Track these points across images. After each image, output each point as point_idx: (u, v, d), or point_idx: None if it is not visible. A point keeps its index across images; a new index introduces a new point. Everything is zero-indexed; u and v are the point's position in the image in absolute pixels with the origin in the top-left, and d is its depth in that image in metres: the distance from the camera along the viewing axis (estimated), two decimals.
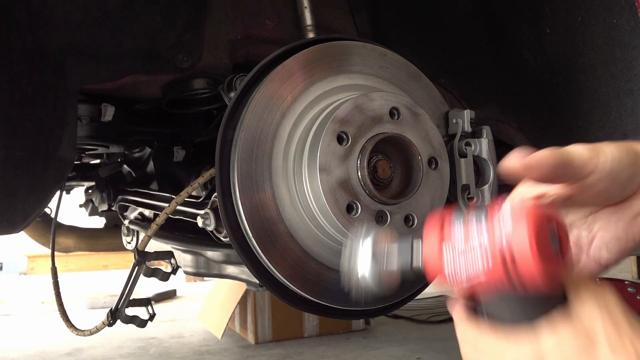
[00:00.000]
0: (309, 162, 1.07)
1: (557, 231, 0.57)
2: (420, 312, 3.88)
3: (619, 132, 1.29)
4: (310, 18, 1.46)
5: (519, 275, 0.55)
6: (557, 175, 0.63)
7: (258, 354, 3.04)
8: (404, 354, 2.95)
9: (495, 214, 0.57)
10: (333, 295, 1.15)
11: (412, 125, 1.13)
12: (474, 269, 0.56)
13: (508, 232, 0.55)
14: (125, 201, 1.98)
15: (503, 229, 0.56)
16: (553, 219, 0.58)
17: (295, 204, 1.11)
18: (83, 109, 1.67)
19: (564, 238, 0.58)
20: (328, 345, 3.17)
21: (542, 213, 0.56)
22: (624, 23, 1.22)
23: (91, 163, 2.46)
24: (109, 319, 1.72)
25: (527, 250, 0.54)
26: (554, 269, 0.55)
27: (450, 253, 0.58)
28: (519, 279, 0.55)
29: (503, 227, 0.56)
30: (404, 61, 1.26)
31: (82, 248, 2.61)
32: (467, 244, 0.57)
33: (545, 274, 0.54)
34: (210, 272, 1.72)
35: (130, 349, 3.21)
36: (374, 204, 1.07)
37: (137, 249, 1.60)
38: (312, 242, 1.13)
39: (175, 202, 1.42)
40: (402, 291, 1.25)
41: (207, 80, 1.55)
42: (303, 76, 1.14)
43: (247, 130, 1.09)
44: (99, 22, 1.40)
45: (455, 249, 0.58)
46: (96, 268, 7.56)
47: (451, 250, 0.58)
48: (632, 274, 5.03)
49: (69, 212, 2.52)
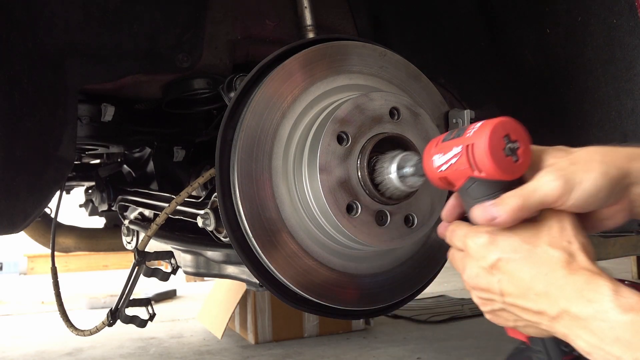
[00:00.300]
0: (309, 162, 1.07)
1: (516, 139, 0.77)
2: (420, 312, 3.88)
3: (619, 132, 1.29)
4: (310, 18, 1.46)
5: (476, 162, 0.77)
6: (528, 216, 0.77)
7: (258, 354, 3.04)
8: (404, 354, 2.95)
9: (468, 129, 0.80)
10: (333, 295, 1.15)
11: (412, 125, 1.13)
12: (451, 161, 0.81)
13: (472, 136, 0.78)
14: (125, 201, 1.98)
15: (471, 133, 0.79)
16: (513, 130, 0.78)
17: (295, 204, 1.11)
18: (83, 109, 1.67)
19: (523, 143, 0.78)
20: (328, 345, 3.17)
21: (503, 124, 0.78)
22: (624, 23, 1.22)
23: (91, 163, 2.46)
24: (109, 319, 1.72)
25: (482, 144, 0.76)
26: (504, 162, 0.76)
27: (439, 158, 0.84)
28: (477, 165, 0.77)
29: (471, 132, 0.79)
30: (404, 61, 1.26)
31: (82, 248, 2.61)
32: (449, 150, 0.82)
33: (494, 163, 0.75)
34: (210, 272, 1.72)
35: (130, 349, 3.21)
36: (374, 204, 1.07)
37: (137, 249, 1.60)
38: (312, 242, 1.13)
39: (175, 202, 1.42)
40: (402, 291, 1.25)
41: (207, 80, 1.55)
42: (303, 76, 1.14)
43: (247, 130, 1.09)
44: (99, 22, 1.40)
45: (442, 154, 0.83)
46: (96, 268, 7.56)
47: (439, 156, 0.84)
48: (632, 274, 5.03)
49: (69, 212, 2.53)
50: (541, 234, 0.76)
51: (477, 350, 2.94)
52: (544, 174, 0.76)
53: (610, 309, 0.67)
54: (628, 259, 4.99)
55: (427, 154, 0.88)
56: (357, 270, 1.18)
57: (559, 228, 0.76)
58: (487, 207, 0.78)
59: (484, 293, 0.80)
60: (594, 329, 0.68)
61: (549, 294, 0.72)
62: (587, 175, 0.74)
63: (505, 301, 0.77)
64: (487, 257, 0.78)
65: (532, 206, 0.76)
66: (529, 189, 0.76)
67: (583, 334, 0.69)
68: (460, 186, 0.83)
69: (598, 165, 0.75)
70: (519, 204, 0.75)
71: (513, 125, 0.79)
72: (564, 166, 0.76)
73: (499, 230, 0.78)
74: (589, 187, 0.74)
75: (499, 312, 0.80)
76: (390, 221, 1.09)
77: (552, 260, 0.74)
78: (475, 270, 0.80)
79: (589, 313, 0.69)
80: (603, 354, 0.68)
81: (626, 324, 0.66)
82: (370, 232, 1.07)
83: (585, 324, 0.69)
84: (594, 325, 0.68)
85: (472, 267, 0.81)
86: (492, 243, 0.78)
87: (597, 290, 0.69)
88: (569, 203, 0.75)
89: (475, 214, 0.79)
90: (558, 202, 0.75)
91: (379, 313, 1.28)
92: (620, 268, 5.29)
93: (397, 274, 1.23)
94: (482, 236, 0.79)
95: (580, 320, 0.69)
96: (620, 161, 0.76)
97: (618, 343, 0.66)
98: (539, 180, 0.76)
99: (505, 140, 0.77)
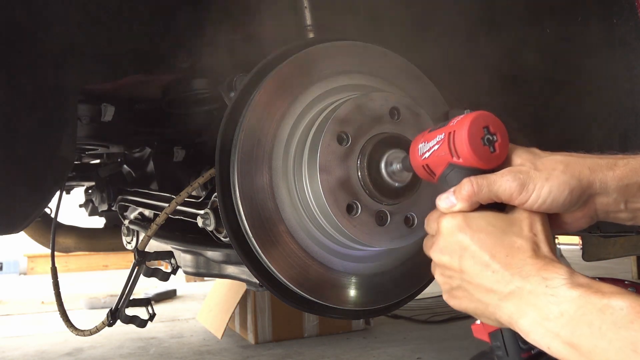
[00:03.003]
0: (309, 162, 1.07)
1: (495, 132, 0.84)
2: (420, 312, 3.88)
3: (619, 132, 1.29)
4: (310, 18, 1.46)
5: (455, 148, 0.83)
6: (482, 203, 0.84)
7: (258, 354, 3.04)
8: (404, 354, 2.95)
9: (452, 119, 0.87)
10: (333, 295, 1.15)
11: (412, 125, 1.13)
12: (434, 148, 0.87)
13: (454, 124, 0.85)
14: (125, 201, 1.98)
15: (454, 123, 0.85)
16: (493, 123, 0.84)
17: (295, 204, 1.11)
18: (83, 109, 1.67)
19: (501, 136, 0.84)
20: (328, 345, 3.17)
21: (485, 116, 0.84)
22: (624, 23, 1.23)
23: (91, 163, 2.46)
24: (109, 319, 1.72)
25: (463, 130, 0.83)
26: (481, 150, 0.82)
27: (423, 146, 0.90)
28: (456, 151, 0.83)
29: (454, 122, 0.85)
30: (404, 61, 1.26)
31: (82, 248, 2.61)
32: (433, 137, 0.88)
33: (471, 149, 0.82)
34: (210, 272, 1.72)
35: (130, 349, 3.21)
36: (374, 204, 1.07)
37: (137, 249, 1.60)
38: (312, 242, 1.13)
39: (175, 202, 1.42)
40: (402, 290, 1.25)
41: (207, 80, 1.55)
42: (303, 76, 1.14)
43: (247, 130, 1.09)
44: (99, 22, 1.40)
45: (426, 142, 0.90)
46: (96, 268, 7.57)
47: (424, 144, 0.90)
48: (632, 274, 5.03)
49: (69, 212, 2.53)
50: (512, 224, 0.81)
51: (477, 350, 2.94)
52: (506, 172, 0.83)
53: (561, 285, 0.71)
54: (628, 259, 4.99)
55: (413, 144, 0.94)
56: (357, 270, 1.18)
57: (529, 222, 0.81)
58: (449, 195, 0.84)
59: (446, 270, 0.85)
60: (541, 305, 0.71)
61: (505, 273, 0.76)
62: (546, 183, 0.80)
63: (463, 278, 0.81)
64: (456, 235, 0.82)
65: (485, 195, 0.82)
66: (488, 179, 0.83)
67: (529, 311, 0.73)
68: (440, 174, 0.88)
69: (559, 175, 0.80)
70: (473, 191, 0.82)
71: (493, 119, 0.85)
72: (526, 170, 0.82)
73: (472, 214, 0.83)
74: (545, 194, 0.80)
75: (456, 291, 0.84)
76: (391, 221, 1.09)
77: (515, 245, 0.78)
78: (441, 245, 0.84)
79: (541, 289, 0.72)
80: (543, 331, 0.71)
81: (573, 299, 0.69)
82: (370, 232, 1.07)
83: (535, 300, 0.72)
84: (542, 300, 0.71)
85: (439, 243, 0.85)
86: (464, 222, 0.82)
87: (553, 271, 0.73)
88: (519, 202, 0.81)
89: (439, 201, 0.86)
90: (512, 200, 0.82)
91: (379, 313, 1.28)
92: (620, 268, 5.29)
93: (397, 274, 1.23)
94: (456, 217, 0.84)
95: (531, 296, 0.73)
96: (583, 173, 0.81)
97: (561, 318, 0.69)
98: (499, 176, 0.83)
99: (485, 131, 0.84)
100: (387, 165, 1.05)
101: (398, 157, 1.04)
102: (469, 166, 0.83)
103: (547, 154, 0.85)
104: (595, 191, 0.82)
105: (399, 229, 1.10)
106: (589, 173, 0.81)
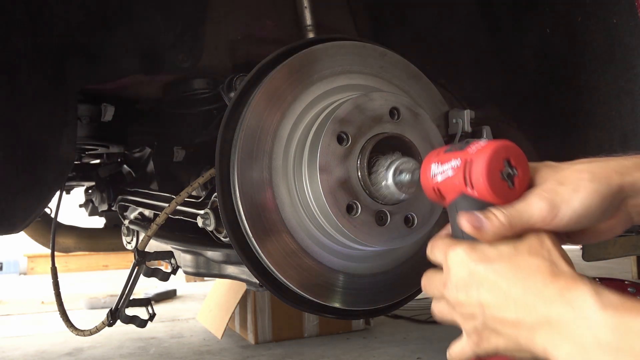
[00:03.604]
0: (309, 162, 1.07)
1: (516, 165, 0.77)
2: (420, 312, 3.88)
3: (619, 132, 1.29)
4: (310, 18, 1.46)
5: (471, 179, 0.77)
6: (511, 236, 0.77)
7: (258, 354, 3.04)
8: (404, 354, 2.95)
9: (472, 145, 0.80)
10: (332, 295, 1.15)
11: (412, 125, 1.13)
12: (447, 173, 0.81)
13: (473, 152, 0.78)
14: (125, 201, 1.98)
15: (473, 149, 0.78)
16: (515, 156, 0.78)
17: (295, 204, 1.11)
18: (83, 109, 1.67)
19: (522, 171, 0.78)
20: (328, 345, 3.17)
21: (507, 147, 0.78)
22: (624, 23, 1.22)
23: (91, 163, 2.46)
24: (109, 319, 1.72)
25: (481, 162, 0.76)
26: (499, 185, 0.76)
27: (436, 167, 0.84)
28: (471, 182, 0.77)
29: (474, 148, 0.78)
30: (404, 61, 1.26)
31: (82, 248, 2.61)
32: (448, 161, 0.82)
33: (488, 184, 0.76)
34: (210, 272, 1.72)
35: (130, 349, 3.21)
36: (374, 204, 1.07)
37: (137, 249, 1.60)
38: (312, 242, 1.13)
39: (175, 202, 1.42)
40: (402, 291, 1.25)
41: (207, 80, 1.55)
42: (303, 76, 1.14)
43: (247, 130, 1.09)
44: (99, 22, 1.40)
45: (440, 163, 0.83)
46: (96, 268, 7.56)
47: (437, 165, 0.84)
48: (632, 274, 5.02)
49: (69, 212, 2.53)
50: (521, 246, 0.75)
51: None
52: (530, 196, 0.76)
53: (590, 307, 0.65)
54: (628, 259, 4.98)
55: (426, 161, 0.87)
56: (357, 270, 1.18)
57: (538, 241, 0.75)
58: (476, 214, 0.77)
59: (464, 308, 0.77)
60: (574, 335, 0.66)
61: (527, 300, 0.70)
62: (575, 195, 0.74)
63: (485, 313, 0.75)
64: (469, 267, 0.76)
65: (517, 227, 0.76)
66: (516, 210, 0.76)
67: (562, 342, 0.67)
68: (450, 201, 0.82)
69: (587, 184, 0.74)
70: (504, 223, 0.75)
71: (516, 151, 0.78)
72: (551, 187, 0.76)
73: (481, 244, 0.77)
74: (577, 207, 0.74)
75: (482, 332, 0.76)
76: (390, 221, 1.09)
77: (531, 267, 0.73)
78: (454, 281, 0.78)
79: (569, 315, 0.66)
80: None
81: (607, 324, 0.63)
82: (370, 232, 1.07)
83: (566, 329, 0.66)
84: (574, 329, 0.66)
85: (452, 280, 0.78)
86: (476, 253, 0.77)
87: (577, 290, 0.67)
88: (554, 223, 0.75)
89: (463, 219, 0.78)
90: (546, 225, 0.76)
91: (379, 313, 1.28)
92: (620, 268, 5.29)
93: (397, 274, 1.23)
94: (463, 245, 0.78)
95: (561, 325, 0.67)
96: (612, 177, 0.75)
97: (599, 348, 0.63)
98: (526, 202, 0.76)
99: (505, 163, 0.77)
100: (396, 174, 1.02)
101: (409, 168, 1.01)
102: (483, 200, 0.78)
103: (566, 165, 0.79)
104: (627, 194, 0.77)
105: (399, 229, 1.10)
106: (617, 176, 0.75)
